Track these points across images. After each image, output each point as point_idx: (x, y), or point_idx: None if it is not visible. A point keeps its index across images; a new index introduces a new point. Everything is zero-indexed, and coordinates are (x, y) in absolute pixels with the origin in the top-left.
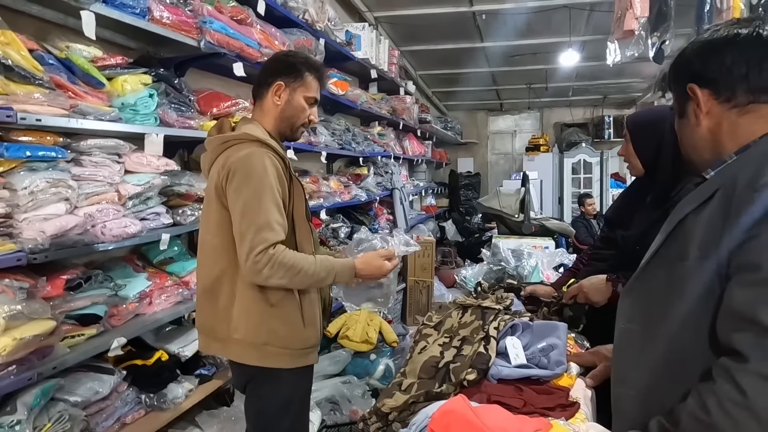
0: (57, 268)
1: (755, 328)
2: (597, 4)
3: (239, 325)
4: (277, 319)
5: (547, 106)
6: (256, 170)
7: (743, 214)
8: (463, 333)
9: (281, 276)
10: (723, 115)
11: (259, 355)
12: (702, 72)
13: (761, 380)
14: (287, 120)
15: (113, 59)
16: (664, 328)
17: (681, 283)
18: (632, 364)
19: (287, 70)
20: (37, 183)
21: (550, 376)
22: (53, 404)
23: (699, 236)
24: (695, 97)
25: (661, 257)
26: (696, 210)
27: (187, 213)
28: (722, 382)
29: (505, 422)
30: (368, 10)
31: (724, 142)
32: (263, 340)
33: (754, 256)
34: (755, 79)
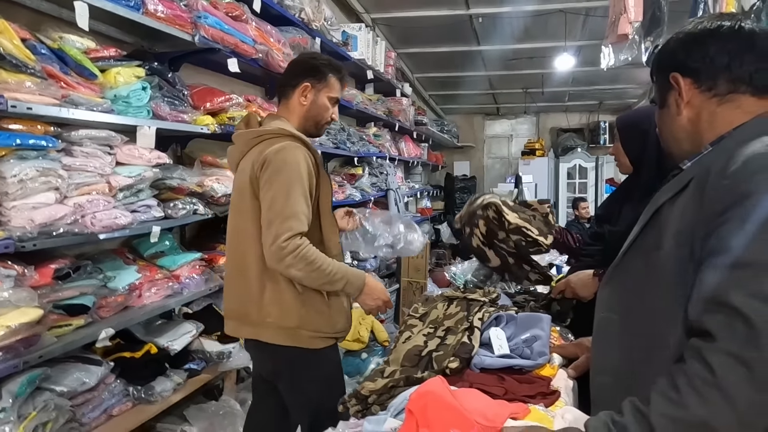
0: (46, 258)
1: (725, 310)
2: (592, 8)
3: (272, 310)
4: (306, 306)
5: (544, 111)
6: (289, 163)
7: (714, 201)
8: (447, 324)
9: (300, 268)
10: (703, 105)
11: (292, 337)
12: (685, 61)
13: (729, 358)
14: (312, 119)
15: (107, 51)
16: (641, 316)
17: (657, 272)
18: (611, 352)
19: (313, 72)
20: (26, 171)
21: (532, 366)
22: (39, 393)
23: (674, 225)
24: (677, 86)
25: (639, 247)
26: (671, 200)
27: (178, 207)
28: (692, 362)
29: (483, 405)
30: (365, 12)
31: (703, 132)
32: (295, 324)
33: (724, 241)
34: (736, 69)
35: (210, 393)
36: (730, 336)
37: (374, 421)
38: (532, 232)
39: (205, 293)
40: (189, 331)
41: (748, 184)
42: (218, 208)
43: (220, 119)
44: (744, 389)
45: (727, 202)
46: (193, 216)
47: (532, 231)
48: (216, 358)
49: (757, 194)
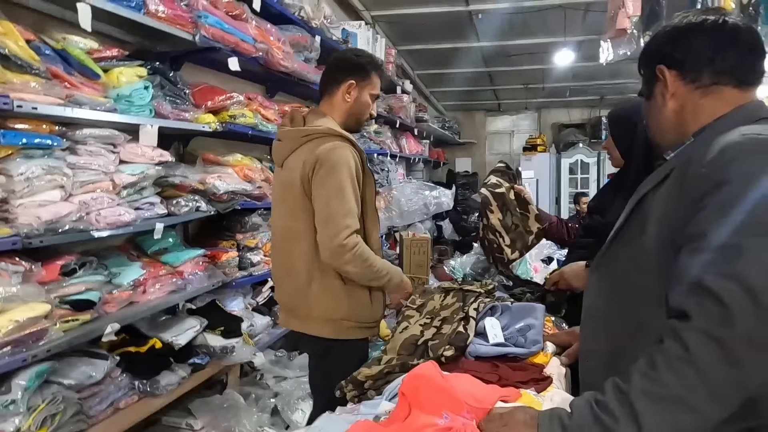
0: (52, 254)
1: (700, 291)
2: (592, 3)
3: (318, 303)
4: (350, 298)
5: (545, 106)
6: (341, 162)
7: (693, 189)
8: (443, 314)
9: (357, 265)
10: (687, 96)
11: (335, 330)
12: (671, 54)
13: (703, 336)
14: (354, 116)
15: (109, 51)
16: (626, 301)
17: (641, 257)
18: (598, 337)
19: (358, 69)
20: (32, 170)
21: (526, 354)
22: (47, 386)
23: (656, 213)
24: (663, 78)
25: (624, 235)
26: (654, 189)
27: (181, 204)
28: (669, 341)
29: (474, 388)
30: (365, 9)
31: (687, 123)
32: (340, 316)
33: (701, 226)
34: (720, 62)
35: (214, 387)
36: (704, 315)
37: (370, 405)
38: (503, 240)
39: (208, 289)
40: (193, 327)
41: (724, 172)
42: (220, 205)
43: (221, 117)
44: (716, 365)
45: (705, 189)
46: (196, 213)
47: (504, 240)
48: (220, 353)
49: (731, 182)
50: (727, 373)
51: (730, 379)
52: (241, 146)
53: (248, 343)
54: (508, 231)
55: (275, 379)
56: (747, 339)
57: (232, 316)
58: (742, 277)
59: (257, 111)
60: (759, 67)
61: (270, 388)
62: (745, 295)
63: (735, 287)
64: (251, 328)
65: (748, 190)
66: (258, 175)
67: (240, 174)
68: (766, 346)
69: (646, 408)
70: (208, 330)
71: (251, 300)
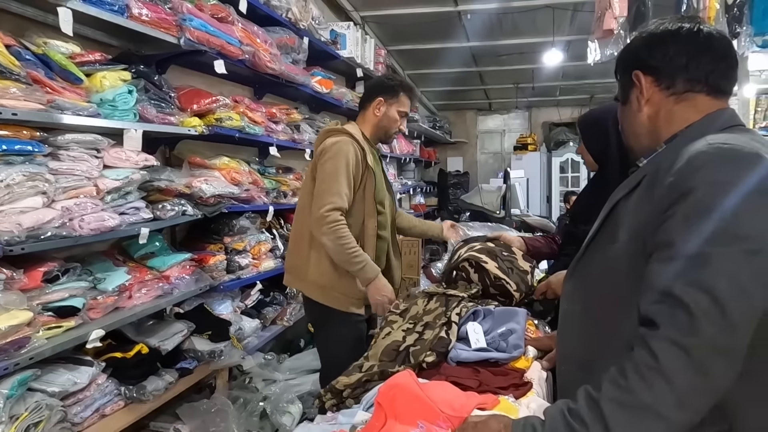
0: (35, 261)
1: (668, 299)
2: (580, 4)
3: (314, 270)
4: (338, 271)
5: (535, 105)
6: (340, 152)
7: (662, 197)
8: (426, 319)
9: (330, 239)
10: (662, 103)
11: (323, 296)
12: (647, 60)
13: (670, 345)
14: (383, 128)
15: (91, 55)
16: (600, 307)
17: (613, 264)
18: (574, 342)
19: (386, 89)
20: (13, 176)
21: (507, 358)
22: (30, 394)
23: (628, 220)
24: (639, 83)
25: (598, 242)
26: (626, 196)
27: (167, 208)
28: (638, 349)
29: (451, 396)
30: (354, 10)
31: (661, 129)
32: (327, 283)
33: (669, 235)
34: (693, 69)
35: (203, 391)
36: (672, 324)
37: (348, 414)
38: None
39: (195, 293)
40: (180, 331)
41: (690, 181)
42: (207, 208)
43: (207, 120)
44: (683, 373)
45: (672, 197)
46: (182, 217)
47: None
48: (208, 357)
49: (697, 190)
50: (694, 381)
51: (697, 387)
52: (229, 148)
53: (236, 347)
54: (509, 275)
55: (264, 383)
56: (713, 347)
57: (220, 320)
58: (708, 287)
59: (244, 113)
60: (731, 76)
61: (259, 391)
62: (712, 304)
63: (702, 296)
64: (239, 331)
65: (714, 198)
66: (245, 178)
67: (227, 177)
68: (731, 353)
69: (615, 416)
70: (195, 334)
71: (240, 303)
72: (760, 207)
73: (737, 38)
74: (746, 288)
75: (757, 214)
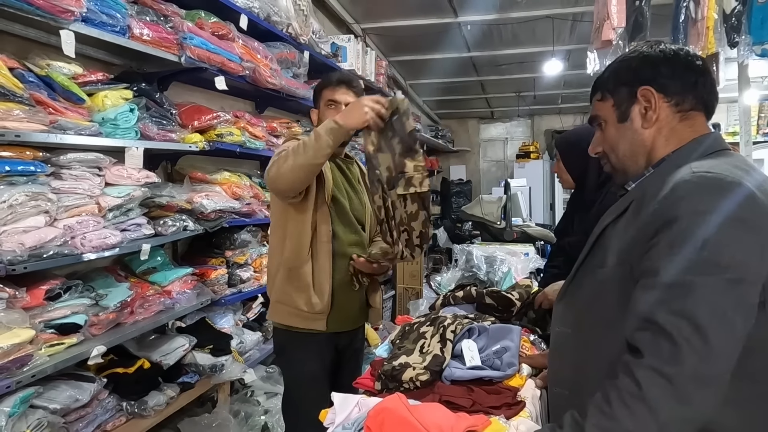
0: (37, 279)
1: (651, 327)
2: (579, 14)
3: (271, 286)
4: (291, 282)
5: (538, 113)
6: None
7: (647, 224)
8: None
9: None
10: (667, 119)
11: (273, 312)
12: (654, 77)
13: (653, 373)
14: None
15: (94, 75)
16: (591, 331)
17: (602, 288)
18: (565, 365)
19: (314, 98)
20: (16, 197)
21: (501, 377)
22: (32, 411)
23: (616, 245)
24: (649, 99)
25: (587, 265)
26: (614, 221)
27: (168, 224)
28: (622, 377)
29: (441, 419)
30: (355, 22)
31: (659, 148)
32: (277, 298)
33: (653, 263)
34: (701, 87)
35: (205, 404)
36: (655, 352)
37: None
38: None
39: (197, 307)
40: (182, 345)
41: (674, 210)
42: (208, 223)
43: (208, 136)
44: (665, 402)
45: (657, 225)
46: (183, 232)
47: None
48: (209, 371)
49: (681, 219)
50: (676, 409)
51: (679, 416)
52: (231, 163)
53: (238, 361)
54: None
55: (266, 396)
56: (695, 376)
57: (221, 334)
58: (691, 315)
59: (245, 129)
60: (716, 100)
61: (261, 404)
62: (694, 333)
63: (684, 324)
64: (241, 345)
65: (697, 228)
66: (246, 192)
67: (228, 192)
68: (713, 382)
69: None
70: (197, 348)
71: (241, 316)
72: (742, 237)
73: (736, 47)
74: (728, 316)
75: (739, 243)
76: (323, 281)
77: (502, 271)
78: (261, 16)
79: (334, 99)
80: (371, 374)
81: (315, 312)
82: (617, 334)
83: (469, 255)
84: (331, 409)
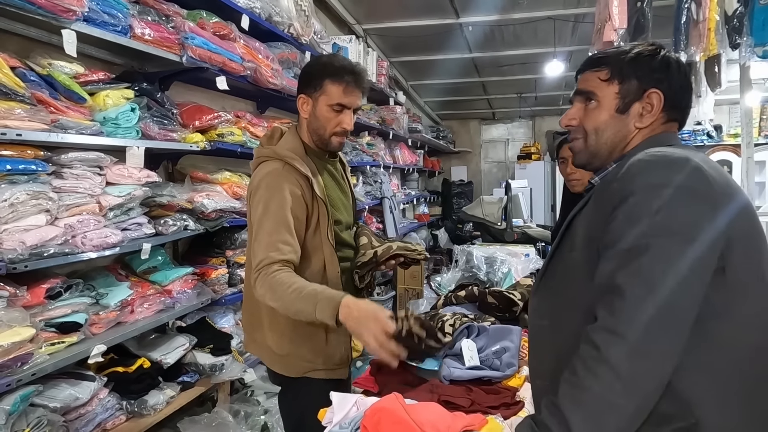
0: (38, 277)
1: (608, 290)
2: (581, 15)
3: (268, 334)
4: (299, 333)
5: (539, 114)
6: (272, 190)
7: (607, 203)
8: None
9: (269, 297)
10: (654, 124)
11: (285, 366)
12: (668, 84)
13: (608, 333)
14: (315, 132)
15: (95, 75)
16: (565, 318)
17: (572, 274)
18: (544, 356)
19: (307, 80)
20: (17, 195)
21: (500, 377)
22: (32, 410)
23: (581, 231)
24: (653, 102)
25: (558, 254)
26: (579, 211)
27: (169, 223)
28: (583, 345)
29: (437, 419)
30: (357, 23)
31: (633, 144)
32: (286, 351)
33: (612, 235)
34: (687, 101)
35: (205, 404)
36: (609, 313)
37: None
38: (515, 296)
39: (197, 307)
40: (182, 345)
41: (630, 185)
42: (209, 223)
43: (209, 136)
44: (623, 359)
45: (615, 202)
46: (184, 232)
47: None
48: (209, 371)
49: (636, 192)
50: (636, 364)
51: (640, 370)
52: (232, 162)
53: (238, 360)
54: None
55: (266, 395)
56: (648, 329)
57: (221, 333)
58: (643, 272)
59: (246, 129)
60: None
61: (260, 404)
62: (644, 286)
63: (637, 282)
64: (241, 344)
65: (651, 199)
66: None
67: (229, 191)
68: (670, 333)
69: (573, 413)
70: (197, 348)
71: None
72: (693, 204)
73: (738, 49)
74: (680, 272)
75: (689, 209)
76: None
77: (502, 272)
78: (262, 16)
79: (342, 103)
80: (370, 374)
81: (333, 364)
82: (589, 319)
83: (470, 256)
84: (329, 409)
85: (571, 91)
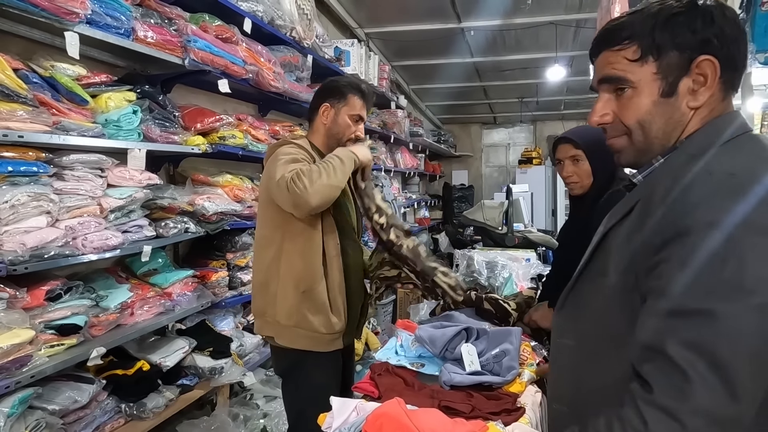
0: (38, 279)
1: (661, 358)
2: (582, 20)
3: (279, 308)
4: (306, 304)
5: (540, 119)
6: (284, 152)
7: (655, 232)
8: None
9: (310, 179)
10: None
11: (291, 337)
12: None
13: (661, 412)
14: (334, 137)
15: (97, 77)
16: (593, 344)
17: (605, 300)
18: (565, 380)
19: (332, 92)
20: (18, 197)
21: (501, 382)
22: (31, 412)
23: (619, 252)
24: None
25: (589, 272)
26: (618, 223)
27: (170, 225)
28: (628, 409)
29: (439, 425)
30: (359, 27)
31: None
32: (294, 322)
33: (663, 282)
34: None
35: (204, 407)
36: (665, 389)
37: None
38: (509, 305)
39: (197, 309)
40: (181, 348)
41: (687, 219)
42: (209, 225)
43: (210, 139)
44: None
45: (666, 235)
46: (185, 234)
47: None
48: (208, 374)
49: (695, 232)
50: None
51: None
52: (233, 165)
53: (237, 363)
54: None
55: (265, 399)
56: (710, 419)
57: (221, 336)
58: (708, 350)
59: (247, 131)
60: None
61: (260, 408)
62: (712, 371)
63: (700, 361)
64: (241, 347)
65: (714, 243)
66: (248, 195)
67: (230, 194)
68: (732, 425)
69: None
70: (197, 350)
71: (242, 319)
72: None
73: None
74: (754, 350)
75: (765, 261)
76: (338, 298)
77: (503, 277)
78: (265, 19)
79: (361, 115)
80: (370, 378)
81: (334, 332)
82: (622, 353)
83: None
84: (329, 413)
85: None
